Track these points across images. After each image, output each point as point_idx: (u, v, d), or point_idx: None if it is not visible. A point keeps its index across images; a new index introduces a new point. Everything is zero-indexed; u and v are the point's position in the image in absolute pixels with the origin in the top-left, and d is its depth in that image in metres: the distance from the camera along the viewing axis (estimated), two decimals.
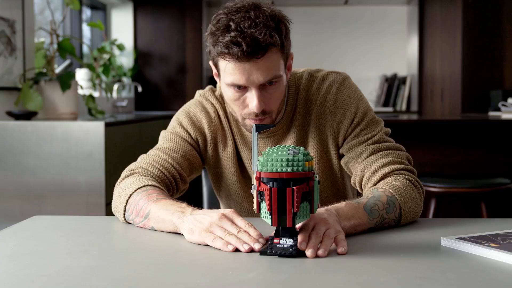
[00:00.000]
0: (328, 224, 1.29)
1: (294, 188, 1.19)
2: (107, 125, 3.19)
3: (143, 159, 1.70)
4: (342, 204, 1.42)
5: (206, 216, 1.33)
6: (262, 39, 1.46)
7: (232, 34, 1.47)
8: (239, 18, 1.48)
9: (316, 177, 1.23)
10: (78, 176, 3.15)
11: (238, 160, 1.79)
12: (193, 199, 4.56)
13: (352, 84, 1.75)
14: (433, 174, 3.80)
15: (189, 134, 1.75)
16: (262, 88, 1.55)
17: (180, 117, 1.78)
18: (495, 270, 1.13)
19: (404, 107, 6.75)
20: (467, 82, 5.45)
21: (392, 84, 6.76)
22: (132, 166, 1.68)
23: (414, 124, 4.32)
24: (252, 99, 1.55)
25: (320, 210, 1.35)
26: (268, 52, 1.49)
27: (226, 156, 1.78)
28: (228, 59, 1.51)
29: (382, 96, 6.76)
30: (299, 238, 1.23)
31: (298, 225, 1.28)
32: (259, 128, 1.32)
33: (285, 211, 1.19)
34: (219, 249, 1.27)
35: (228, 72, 1.53)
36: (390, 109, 6.65)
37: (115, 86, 5.77)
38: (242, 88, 1.55)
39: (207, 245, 1.30)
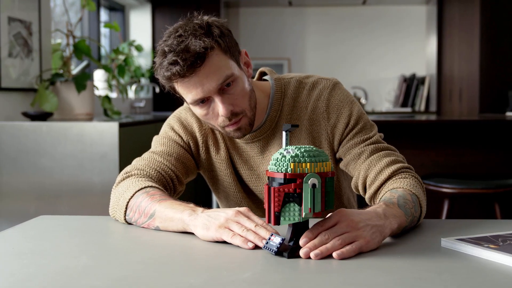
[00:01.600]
0: (351, 227, 1.25)
1: (274, 187, 1.20)
2: (121, 125, 3.20)
3: (138, 162, 1.72)
4: (382, 205, 1.38)
5: (221, 213, 1.34)
6: (193, 48, 1.48)
7: (168, 56, 1.49)
8: (170, 40, 1.50)
9: (309, 180, 1.20)
10: (92, 176, 3.17)
11: (231, 162, 1.80)
12: (202, 200, 4.57)
13: (343, 89, 1.75)
14: (447, 174, 3.77)
15: (181, 138, 1.77)
16: (222, 93, 1.55)
17: (171, 122, 1.81)
18: (492, 271, 1.13)
19: (423, 108, 6.71)
20: (485, 82, 5.41)
21: (411, 84, 6.72)
22: (127, 168, 1.69)
23: (427, 124, 4.29)
24: (218, 107, 1.56)
25: (368, 210, 1.33)
26: (207, 58, 1.50)
27: (220, 159, 1.79)
28: (175, 81, 1.53)
29: (400, 97, 6.73)
30: (305, 233, 1.23)
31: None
32: (286, 127, 1.32)
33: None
34: (239, 247, 1.28)
35: (184, 92, 1.56)
36: (408, 109, 6.62)
37: (133, 87, 5.80)
38: (205, 102, 1.57)
39: (217, 242, 1.32)
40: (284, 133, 1.30)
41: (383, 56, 7.00)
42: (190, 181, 1.83)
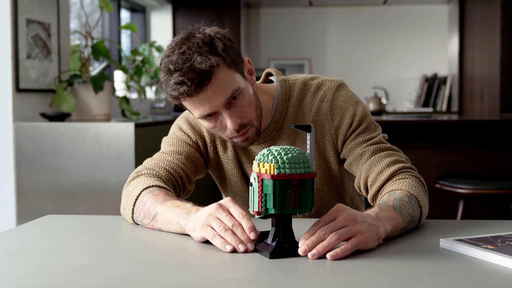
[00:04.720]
0: (350, 220, 1.26)
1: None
2: (137, 126, 3.23)
3: (148, 162, 1.73)
4: (375, 208, 1.39)
5: (205, 209, 1.36)
6: (200, 68, 1.47)
7: (174, 76, 1.49)
8: (175, 57, 1.49)
9: (253, 183, 1.24)
10: (108, 177, 3.20)
11: (239, 163, 1.80)
12: (218, 196, 4.58)
13: (348, 90, 1.75)
14: (462, 175, 3.74)
15: (190, 137, 1.78)
16: (229, 106, 1.56)
17: (179, 122, 1.83)
18: (487, 272, 1.12)
19: (444, 107, 6.66)
20: (506, 82, 5.35)
21: (432, 84, 6.67)
22: (138, 168, 1.71)
23: (444, 125, 4.27)
24: (225, 120, 1.57)
25: (363, 213, 1.33)
26: (214, 75, 1.50)
27: (227, 158, 1.80)
28: (183, 99, 1.53)
29: (422, 96, 6.69)
30: (307, 231, 1.25)
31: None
32: (297, 127, 1.33)
33: None
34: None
35: (191, 108, 1.57)
36: (430, 109, 6.57)
37: (153, 88, 5.83)
38: (212, 115, 1.57)
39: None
40: (309, 134, 1.32)
41: (404, 56, 6.95)
42: (206, 180, 1.84)
